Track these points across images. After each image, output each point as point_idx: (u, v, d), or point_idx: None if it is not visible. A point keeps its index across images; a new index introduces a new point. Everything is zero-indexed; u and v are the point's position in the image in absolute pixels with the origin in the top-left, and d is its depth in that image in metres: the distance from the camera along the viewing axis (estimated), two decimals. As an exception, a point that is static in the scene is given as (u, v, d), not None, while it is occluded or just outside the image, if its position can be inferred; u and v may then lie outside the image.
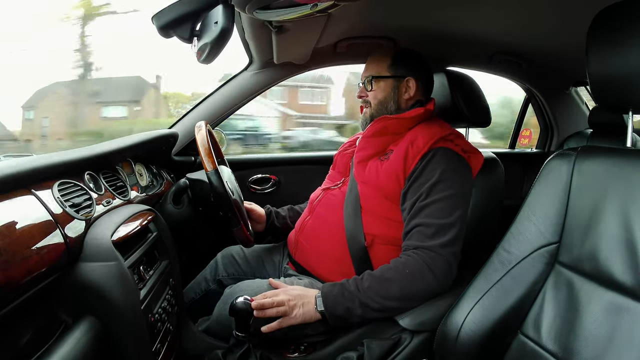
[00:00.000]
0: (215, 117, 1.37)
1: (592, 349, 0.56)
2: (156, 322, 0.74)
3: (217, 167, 0.89)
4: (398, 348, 0.79)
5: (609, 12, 0.64)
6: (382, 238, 0.91)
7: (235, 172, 1.17)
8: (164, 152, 1.27)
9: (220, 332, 0.89)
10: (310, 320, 0.80)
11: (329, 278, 0.93)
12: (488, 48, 1.34)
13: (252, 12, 0.66)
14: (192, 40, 0.68)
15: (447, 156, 0.87)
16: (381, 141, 0.95)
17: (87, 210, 0.70)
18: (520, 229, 0.71)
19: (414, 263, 0.80)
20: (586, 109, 1.87)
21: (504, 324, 0.68)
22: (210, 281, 1.11)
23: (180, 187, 1.00)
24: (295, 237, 1.03)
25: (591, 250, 0.61)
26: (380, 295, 0.78)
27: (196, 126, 0.93)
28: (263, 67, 1.33)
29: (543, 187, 0.70)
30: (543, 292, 0.66)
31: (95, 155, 0.81)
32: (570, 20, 1.03)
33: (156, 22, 0.65)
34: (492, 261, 0.72)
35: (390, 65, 1.00)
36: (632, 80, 0.61)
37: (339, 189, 1.01)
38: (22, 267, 0.50)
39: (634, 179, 0.59)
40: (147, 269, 0.79)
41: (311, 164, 1.56)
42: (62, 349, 0.54)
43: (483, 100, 1.17)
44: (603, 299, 0.58)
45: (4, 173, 0.55)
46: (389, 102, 0.99)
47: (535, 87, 1.75)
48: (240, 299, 0.72)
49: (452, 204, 0.84)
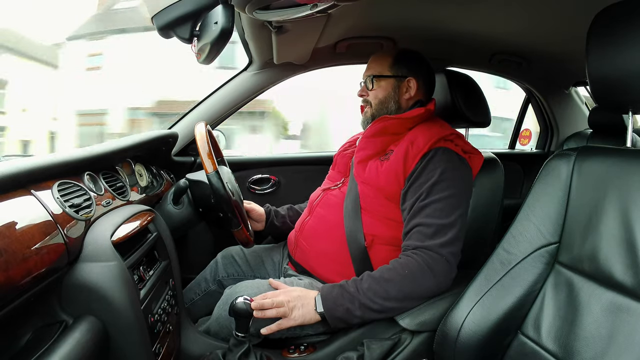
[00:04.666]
0: (215, 117, 1.37)
1: (592, 349, 0.56)
2: (156, 323, 0.74)
3: (217, 169, 0.89)
4: (398, 348, 0.79)
5: (609, 12, 0.64)
6: (382, 238, 0.91)
7: (235, 172, 1.17)
8: (163, 152, 1.27)
9: (220, 332, 0.89)
10: (310, 321, 0.80)
11: (329, 278, 0.93)
12: (488, 48, 1.34)
13: (252, 12, 0.66)
14: (192, 40, 0.68)
15: (447, 156, 0.87)
16: (381, 141, 0.95)
17: (87, 210, 0.70)
18: (520, 229, 0.71)
19: (414, 263, 0.80)
20: (586, 109, 1.87)
21: (504, 324, 0.68)
22: (210, 281, 1.11)
23: (180, 188, 1.00)
24: (295, 238, 1.03)
25: (591, 250, 0.61)
26: (380, 295, 0.78)
27: (196, 127, 0.93)
28: (263, 67, 1.33)
29: (543, 187, 0.70)
30: (543, 292, 0.66)
31: (95, 156, 0.81)
32: (570, 20, 1.03)
33: (156, 22, 0.65)
34: (492, 261, 0.72)
35: (391, 65, 1.00)
36: (632, 80, 0.61)
37: (338, 189, 1.01)
38: (22, 268, 0.50)
39: (634, 179, 0.59)
40: (147, 269, 0.79)
41: (311, 164, 1.56)
42: (62, 349, 0.54)
43: (483, 101, 1.17)
44: (603, 299, 0.58)
45: (3, 173, 0.55)
46: (389, 102, 1.00)
47: (535, 87, 1.75)
48: (240, 299, 0.72)
49: (452, 204, 0.84)
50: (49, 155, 0.70)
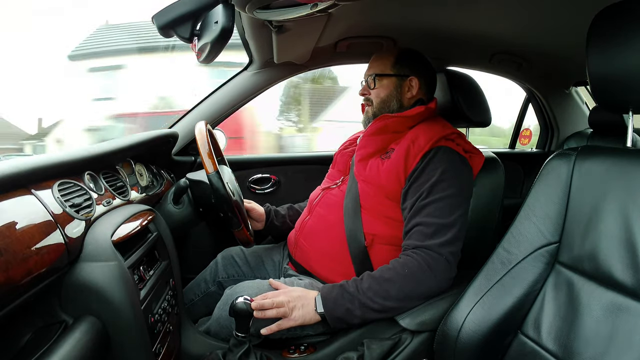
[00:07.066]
0: (215, 117, 1.37)
1: (592, 349, 0.56)
2: (156, 323, 0.74)
3: (217, 169, 0.89)
4: (398, 348, 0.79)
5: (609, 12, 0.64)
6: (382, 238, 0.91)
7: (235, 172, 1.17)
8: (164, 152, 1.27)
9: (221, 332, 0.89)
10: (310, 322, 0.80)
11: (329, 278, 0.93)
12: (488, 48, 1.34)
13: (253, 12, 0.66)
14: (193, 39, 0.68)
15: (448, 156, 0.87)
16: (382, 139, 0.95)
17: (87, 210, 0.70)
18: (520, 228, 0.71)
19: (414, 263, 0.80)
20: (586, 109, 1.87)
21: (504, 323, 0.68)
22: (210, 282, 1.11)
23: (180, 187, 1.00)
24: (295, 237, 1.03)
25: (591, 250, 0.61)
26: (380, 295, 0.78)
27: (196, 126, 0.93)
28: (263, 67, 1.33)
29: (543, 187, 0.70)
30: (543, 292, 0.66)
31: (95, 155, 0.81)
32: (570, 20, 1.03)
33: (156, 21, 0.65)
34: (492, 261, 0.72)
35: (393, 64, 1.00)
36: (632, 80, 0.61)
37: (338, 187, 1.01)
38: (22, 267, 0.50)
39: (634, 179, 0.59)
40: (147, 269, 0.79)
41: (311, 163, 1.56)
42: (62, 349, 0.54)
43: (483, 100, 1.17)
44: (603, 298, 0.58)
45: (3, 173, 0.54)
46: (391, 101, 1.00)
47: (535, 87, 1.75)
48: (240, 300, 0.72)
49: (453, 203, 0.84)
50: (50, 154, 0.70)
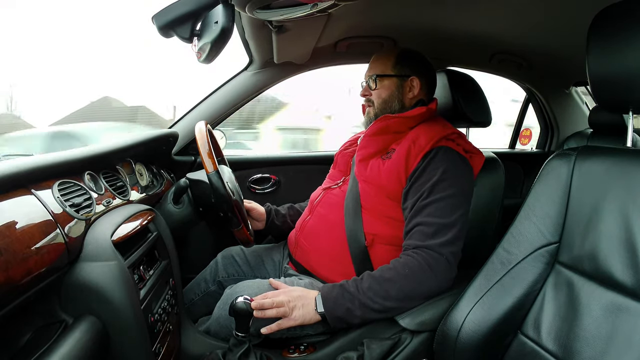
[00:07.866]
0: (215, 117, 1.37)
1: (592, 349, 0.56)
2: (156, 322, 0.74)
3: (217, 169, 0.89)
4: (398, 348, 0.79)
5: (609, 12, 0.64)
6: (382, 237, 0.91)
7: (235, 172, 1.17)
8: (164, 151, 1.27)
9: (220, 332, 0.89)
10: (310, 321, 0.80)
11: (330, 278, 0.93)
12: (488, 48, 1.34)
13: (253, 12, 0.66)
14: (192, 40, 0.67)
15: (448, 156, 0.87)
16: (383, 140, 0.95)
17: (87, 210, 0.70)
18: (520, 229, 0.71)
19: (414, 263, 0.80)
20: (586, 109, 1.87)
21: (504, 323, 0.68)
22: (210, 282, 1.11)
23: (180, 187, 1.00)
24: (296, 237, 1.03)
25: (591, 250, 0.61)
26: (380, 295, 0.78)
27: (196, 126, 0.93)
28: (263, 67, 1.33)
29: (543, 187, 0.70)
30: (543, 292, 0.66)
31: (95, 155, 0.81)
32: (570, 20, 1.03)
33: (156, 21, 0.65)
34: (492, 261, 0.72)
35: (394, 64, 1.00)
36: (632, 80, 0.61)
37: (339, 187, 1.01)
38: (22, 267, 0.50)
39: (634, 179, 0.59)
40: (147, 269, 0.79)
41: (311, 163, 1.56)
42: (62, 348, 0.54)
43: (484, 100, 1.17)
44: (603, 299, 0.58)
45: (4, 172, 0.54)
46: (393, 101, 1.00)
47: (535, 87, 1.75)
48: (240, 299, 0.72)
49: (453, 203, 0.84)
50: (50, 154, 0.70)
